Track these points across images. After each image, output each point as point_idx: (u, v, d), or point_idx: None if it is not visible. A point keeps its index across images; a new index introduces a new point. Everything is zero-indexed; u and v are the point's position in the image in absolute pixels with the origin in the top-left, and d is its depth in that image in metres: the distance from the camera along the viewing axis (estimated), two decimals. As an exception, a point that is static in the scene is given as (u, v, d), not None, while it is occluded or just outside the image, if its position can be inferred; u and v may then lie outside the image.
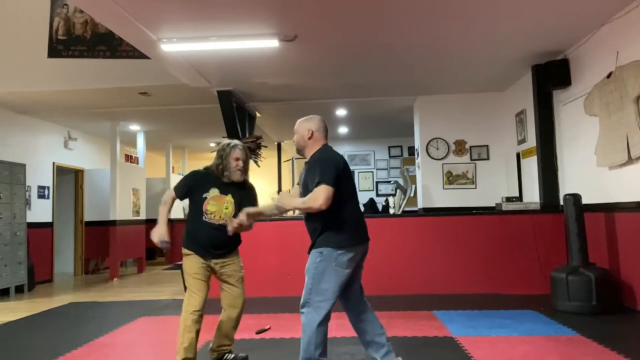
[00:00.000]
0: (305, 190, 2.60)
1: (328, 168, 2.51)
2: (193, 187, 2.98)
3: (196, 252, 2.93)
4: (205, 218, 2.92)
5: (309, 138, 2.69)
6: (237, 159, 2.95)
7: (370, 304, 2.76)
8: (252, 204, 2.98)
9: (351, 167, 11.58)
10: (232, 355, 3.08)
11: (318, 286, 2.51)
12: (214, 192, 2.93)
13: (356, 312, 2.70)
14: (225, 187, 2.96)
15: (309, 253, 2.64)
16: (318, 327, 2.47)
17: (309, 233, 2.68)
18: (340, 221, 2.55)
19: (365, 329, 2.70)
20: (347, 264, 2.53)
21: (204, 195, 2.92)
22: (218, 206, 2.93)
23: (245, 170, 3.01)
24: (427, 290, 5.39)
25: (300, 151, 2.78)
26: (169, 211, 3.02)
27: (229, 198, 2.96)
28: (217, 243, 2.94)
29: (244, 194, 3.03)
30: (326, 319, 2.51)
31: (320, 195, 2.44)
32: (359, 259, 2.64)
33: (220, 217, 2.93)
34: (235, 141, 3.06)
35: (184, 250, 2.97)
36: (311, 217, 2.60)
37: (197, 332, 2.84)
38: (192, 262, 2.92)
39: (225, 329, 3.02)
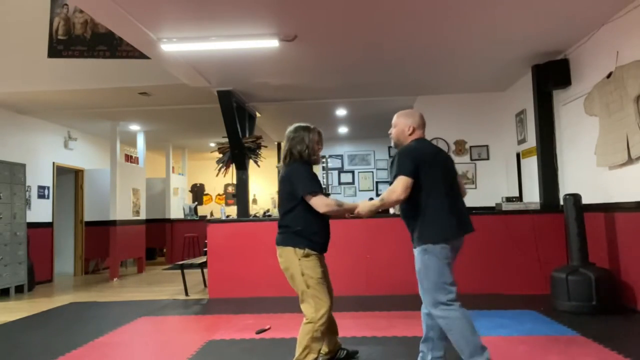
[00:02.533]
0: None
1: (405, 159, 2.53)
2: (318, 179, 2.78)
3: (319, 251, 2.72)
4: None
5: (410, 134, 2.71)
6: (319, 142, 2.87)
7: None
8: None
9: (351, 167, 11.52)
10: (345, 352, 3.05)
11: (438, 283, 2.51)
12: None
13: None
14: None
15: (414, 247, 2.62)
16: (459, 318, 2.49)
17: (408, 229, 2.68)
18: (436, 214, 2.54)
19: (433, 325, 2.68)
20: (451, 255, 2.57)
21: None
22: None
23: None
24: (427, 290, 5.38)
25: (397, 145, 2.77)
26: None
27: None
28: (329, 228, 2.82)
29: None
30: (460, 305, 2.52)
31: (398, 186, 2.47)
32: (458, 250, 2.64)
33: None
34: (312, 125, 2.89)
35: (304, 251, 2.65)
36: (404, 213, 2.62)
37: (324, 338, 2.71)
38: (314, 264, 2.66)
39: (331, 325, 2.89)
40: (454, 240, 2.58)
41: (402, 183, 2.48)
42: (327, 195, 7.68)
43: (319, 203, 2.64)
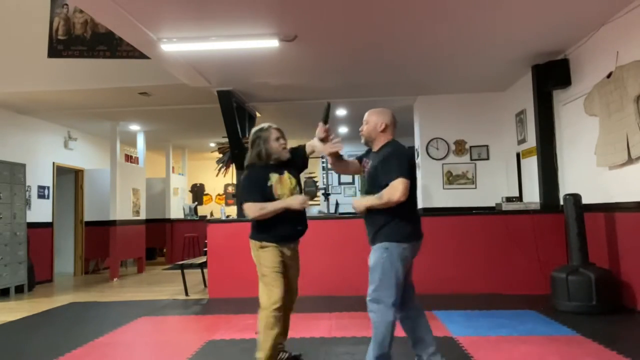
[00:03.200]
0: (375, 181, 2.65)
1: (403, 162, 2.59)
2: (259, 184, 2.88)
3: (277, 242, 2.86)
4: None
5: (382, 131, 2.73)
6: (278, 139, 2.94)
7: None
8: (302, 158, 3.04)
9: (351, 167, 11.25)
10: (287, 355, 3.05)
11: (387, 282, 2.53)
12: (273, 177, 2.89)
13: (406, 308, 2.70)
14: (278, 168, 2.94)
15: (371, 245, 2.66)
16: (391, 323, 2.51)
17: (367, 227, 2.70)
18: (406, 215, 2.60)
19: (414, 325, 2.72)
20: (410, 258, 2.62)
21: (268, 184, 2.86)
22: (284, 186, 2.90)
23: (287, 147, 3.00)
24: (427, 290, 5.37)
25: (368, 142, 2.81)
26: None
27: (287, 175, 2.94)
28: (300, 219, 2.93)
29: (294, 165, 3.03)
30: (395, 314, 2.55)
31: (400, 187, 2.51)
32: (415, 254, 2.69)
33: (291, 194, 2.90)
34: (266, 124, 3.01)
35: (261, 244, 2.85)
36: (376, 210, 2.61)
37: (280, 328, 2.79)
38: (270, 255, 2.83)
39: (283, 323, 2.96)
40: (415, 243, 2.65)
41: (404, 185, 2.52)
42: (327, 195, 7.59)
43: (246, 212, 2.86)
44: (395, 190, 2.52)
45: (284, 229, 2.88)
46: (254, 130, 3.02)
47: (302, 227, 2.97)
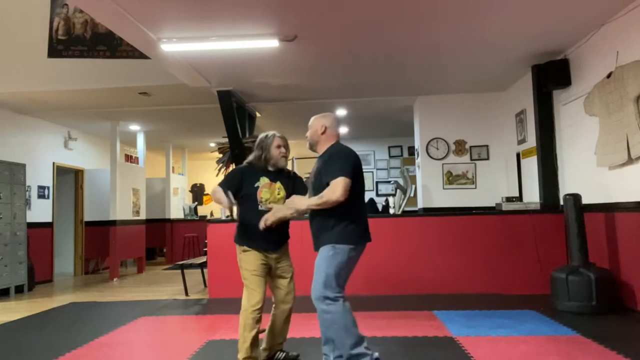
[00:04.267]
0: (318, 184, 2.63)
1: (345, 162, 2.59)
2: (243, 179, 2.94)
3: (256, 248, 2.89)
4: (260, 207, 2.89)
5: (322, 133, 2.76)
6: (279, 147, 2.97)
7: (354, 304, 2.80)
8: (303, 191, 2.99)
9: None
10: (284, 354, 3.07)
11: (333, 279, 2.56)
12: (264, 180, 2.93)
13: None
14: (274, 175, 2.97)
15: (316, 250, 2.67)
16: (346, 313, 2.55)
17: (313, 230, 2.70)
18: (353, 217, 2.61)
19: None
20: (356, 260, 2.64)
21: (255, 185, 2.91)
22: (271, 193, 2.94)
23: (287, 156, 3.05)
24: (427, 290, 5.39)
25: (312, 146, 2.84)
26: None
27: (279, 185, 2.97)
28: (279, 232, 2.95)
29: (293, 182, 3.06)
30: (344, 300, 2.59)
31: (339, 187, 2.49)
32: (359, 256, 2.70)
33: (275, 203, 2.93)
34: (272, 132, 3.06)
35: (242, 247, 2.92)
36: (321, 212, 2.59)
37: (258, 330, 2.83)
38: (251, 258, 2.88)
39: (278, 326, 3.01)
40: (362, 246, 2.67)
41: (344, 184, 2.50)
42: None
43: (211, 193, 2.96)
44: (334, 190, 2.50)
45: (262, 239, 2.90)
46: (260, 136, 3.09)
47: (280, 240, 3.00)
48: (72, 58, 6.11)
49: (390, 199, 7.13)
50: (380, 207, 7.95)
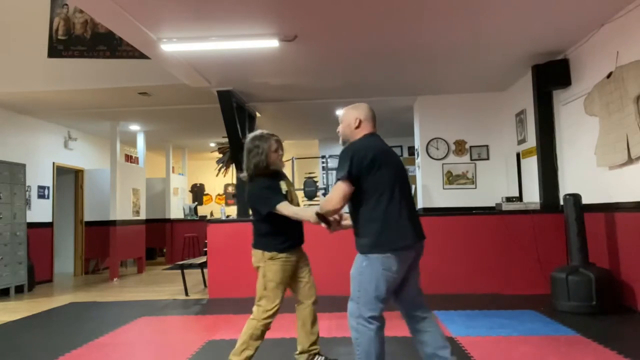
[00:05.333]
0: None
1: (344, 161, 2.27)
2: (279, 189, 2.86)
3: (288, 251, 2.82)
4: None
5: (357, 127, 2.44)
6: (277, 149, 2.89)
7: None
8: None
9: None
10: (323, 358, 2.98)
11: (368, 295, 2.28)
12: (283, 185, 2.89)
13: (413, 320, 2.44)
14: (280, 178, 2.95)
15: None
16: (374, 343, 2.27)
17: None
18: (379, 222, 2.27)
19: (423, 340, 2.41)
20: (398, 268, 2.27)
21: (284, 191, 2.85)
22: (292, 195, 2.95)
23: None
24: (427, 290, 5.33)
25: (345, 143, 2.48)
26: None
27: (284, 185, 2.95)
28: (301, 228, 2.95)
29: (288, 181, 3.05)
30: (380, 328, 2.29)
31: (334, 194, 2.28)
32: (411, 261, 2.35)
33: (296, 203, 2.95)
34: (265, 132, 2.92)
35: (271, 254, 2.77)
36: (351, 216, 2.40)
37: (261, 343, 2.80)
38: (280, 269, 2.78)
39: (310, 323, 2.96)
40: (402, 251, 2.27)
41: (339, 191, 2.26)
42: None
43: (281, 213, 2.74)
44: (329, 198, 2.30)
45: (294, 236, 2.89)
46: (251, 136, 2.89)
47: (302, 235, 2.99)
48: (72, 58, 6.11)
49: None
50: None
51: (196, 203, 11.96)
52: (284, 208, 2.72)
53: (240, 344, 2.75)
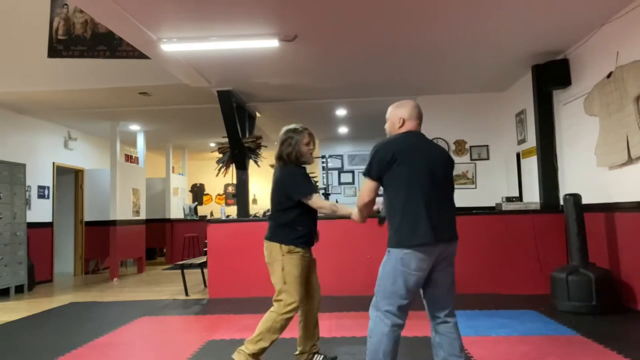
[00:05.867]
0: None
1: (371, 158, 2.35)
2: (310, 179, 2.92)
3: (306, 245, 2.85)
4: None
5: (400, 127, 2.43)
6: (308, 143, 2.93)
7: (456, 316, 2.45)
8: None
9: (351, 167, 11.43)
10: (322, 357, 3.00)
11: (385, 288, 2.30)
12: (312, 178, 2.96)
13: (435, 321, 2.43)
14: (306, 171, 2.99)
15: None
16: (385, 339, 2.26)
17: None
18: (399, 216, 2.27)
19: (441, 342, 2.39)
20: (417, 266, 2.23)
21: (316, 183, 2.89)
22: None
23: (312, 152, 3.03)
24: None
25: None
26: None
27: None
28: (316, 228, 2.99)
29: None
30: (396, 325, 2.28)
31: (362, 190, 2.39)
32: (434, 260, 2.28)
33: None
34: (299, 126, 2.97)
35: (289, 247, 2.78)
36: (386, 212, 2.41)
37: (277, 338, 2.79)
38: (299, 262, 2.79)
39: (312, 324, 2.97)
40: (419, 249, 2.22)
41: (365, 187, 2.36)
42: (327, 195, 7.61)
43: (314, 204, 2.79)
44: (360, 193, 2.41)
45: (312, 231, 2.91)
46: (286, 129, 2.97)
47: (317, 235, 3.02)
48: (72, 58, 6.11)
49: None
50: (380, 207, 7.94)
51: (196, 203, 11.95)
52: (318, 199, 2.78)
53: (257, 335, 2.73)
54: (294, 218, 2.81)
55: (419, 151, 2.34)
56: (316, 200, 2.78)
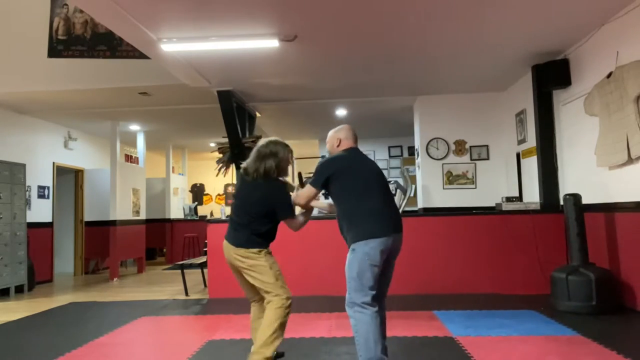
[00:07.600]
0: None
1: (317, 171, 2.77)
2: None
3: (267, 246, 2.99)
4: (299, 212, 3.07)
5: (338, 146, 2.90)
6: (289, 162, 3.02)
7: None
8: None
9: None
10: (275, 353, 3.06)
11: (357, 283, 2.56)
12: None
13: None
14: None
15: None
16: (371, 325, 2.52)
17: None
18: (359, 216, 2.64)
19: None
20: (380, 257, 2.56)
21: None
22: None
23: None
24: (427, 290, 5.39)
25: None
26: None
27: None
28: None
29: None
30: (375, 311, 2.55)
31: (303, 192, 2.82)
32: (389, 251, 2.63)
33: None
34: (277, 139, 3.03)
35: (267, 249, 2.90)
36: (338, 216, 2.77)
37: None
38: (274, 259, 2.93)
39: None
40: (382, 239, 2.57)
41: (306, 192, 2.81)
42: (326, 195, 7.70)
43: (294, 223, 2.95)
44: (298, 194, 2.82)
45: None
46: (268, 141, 2.98)
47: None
48: (72, 58, 6.11)
49: (390, 199, 7.11)
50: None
51: (196, 203, 11.96)
52: (297, 219, 2.96)
53: (270, 335, 2.73)
54: (271, 227, 2.93)
55: (362, 162, 2.81)
56: (295, 220, 2.93)
